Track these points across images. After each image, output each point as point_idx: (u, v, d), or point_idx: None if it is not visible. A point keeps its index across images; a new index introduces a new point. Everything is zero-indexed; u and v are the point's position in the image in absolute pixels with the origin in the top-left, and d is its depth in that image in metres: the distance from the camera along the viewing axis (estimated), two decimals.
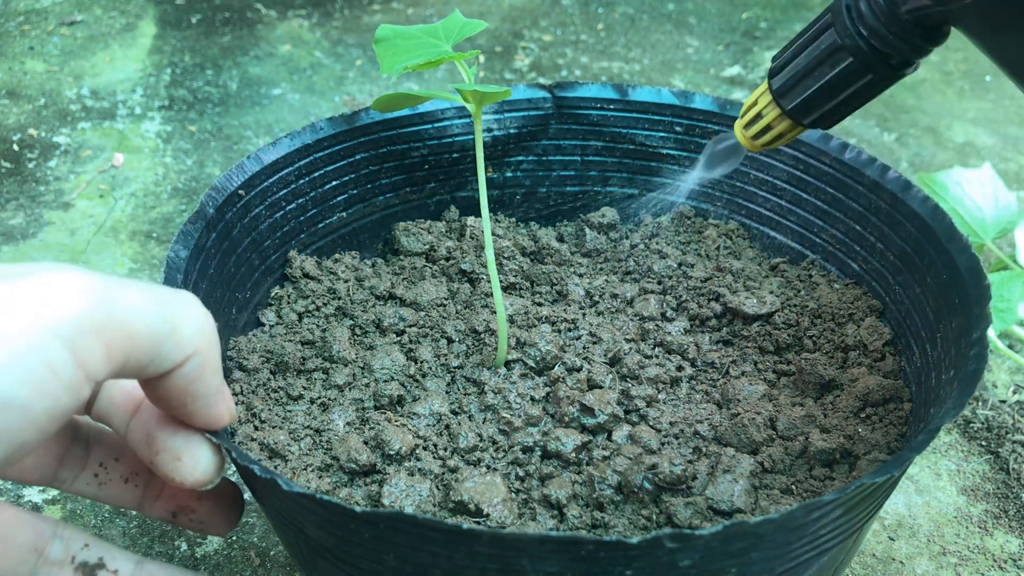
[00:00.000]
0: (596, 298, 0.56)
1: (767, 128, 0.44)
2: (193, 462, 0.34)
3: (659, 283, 0.57)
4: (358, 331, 0.53)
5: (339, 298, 0.55)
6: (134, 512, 0.55)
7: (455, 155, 0.60)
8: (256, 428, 0.46)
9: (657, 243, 0.60)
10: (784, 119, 0.43)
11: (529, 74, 1.13)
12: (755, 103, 0.44)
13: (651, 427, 0.47)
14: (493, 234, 0.60)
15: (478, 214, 0.60)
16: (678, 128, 0.60)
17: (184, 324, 0.31)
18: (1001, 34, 0.35)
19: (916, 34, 0.38)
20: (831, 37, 0.39)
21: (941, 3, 0.36)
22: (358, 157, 0.57)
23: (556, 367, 0.50)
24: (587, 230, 0.61)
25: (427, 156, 0.59)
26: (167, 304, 0.31)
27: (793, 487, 0.43)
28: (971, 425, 0.66)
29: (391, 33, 0.49)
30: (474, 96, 0.46)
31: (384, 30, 0.49)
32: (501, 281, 0.57)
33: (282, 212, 0.55)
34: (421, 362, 0.50)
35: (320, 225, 0.57)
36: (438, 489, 0.43)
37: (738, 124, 0.45)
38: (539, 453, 0.45)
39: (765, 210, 0.59)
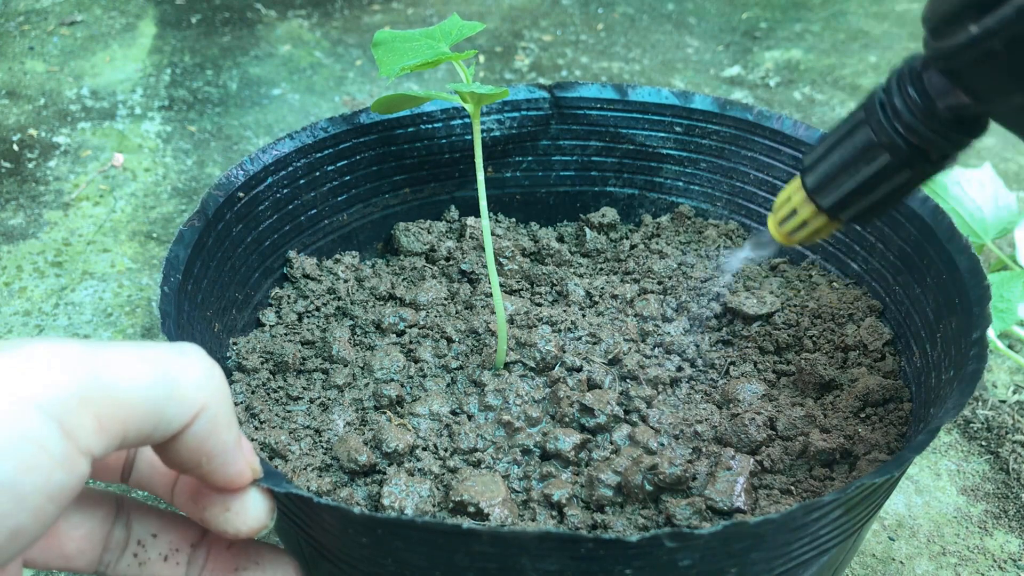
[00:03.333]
0: (596, 298, 0.56)
1: (803, 224, 0.41)
2: (243, 510, 0.33)
3: (659, 283, 0.57)
4: (358, 331, 0.53)
5: (339, 298, 0.55)
6: None
7: (455, 155, 0.60)
8: (256, 428, 0.46)
9: (657, 243, 0.60)
10: (820, 215, 0.40)
11: (529, 74, 1.13)
12: (788, 199, 0.41)
13: (651, 427, 0.47)
14: (493, 234, 0.60)
15: (478, 214, 0.60)
16: (678, 128, 0.60)
17: (185, 381, 0.29)
18: None
19: (955, 129, 0.35)
20: (865, 135, 0.37)
21: (984, 101, 0.34)
22: (358, 157, 0.57)
23: (556, 367, 0.50)
24: (587, 230, 0.61)
25: (427, 156, 0.59)
26: (163, 364, 0.29)
27: (793, 487, 0.43)
28: (971, 425, 0.66)
29: (389, 37, 0.49)
30: (472, 96, 0.46)
31: (382, 34, 0.49)
32: (501, 282, 0.57)
33: (282, 212, 0.55)
34: (421, 362, 0.50)
35: (320, 225, 0.57)
36: (438, 489, 0.43)
37: (772, 219, 0.43)
38: (539, 453, 0.45)
39: (765, 210, 0.59)
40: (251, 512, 0.34)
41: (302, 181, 0.55)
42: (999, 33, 0.30)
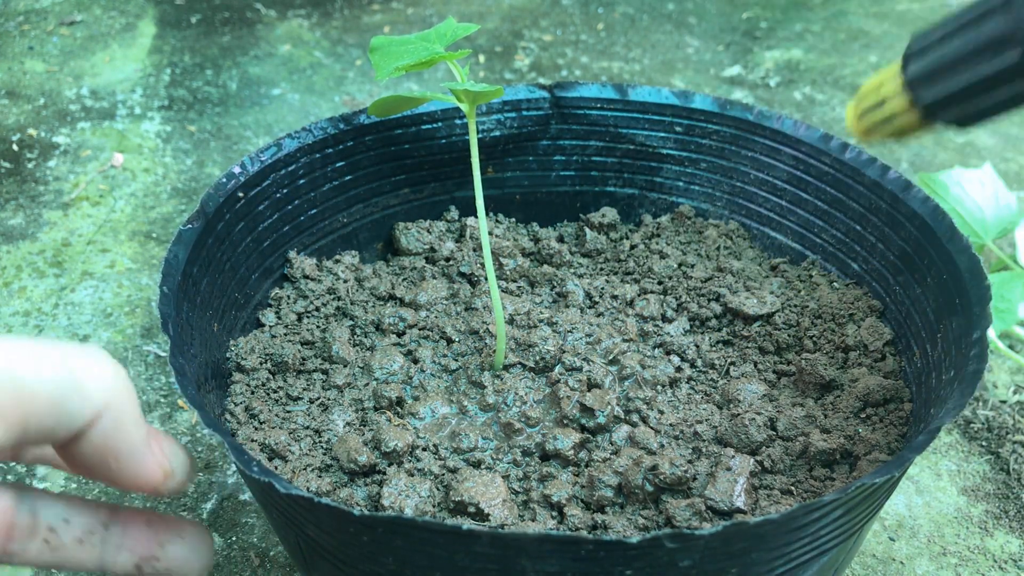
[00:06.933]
0: (596, 299, 0.56)
1: (888, 119, 0.36)
2: (168, 461, 0.33)
3: (659, 283, 0.57)
4: (358, 332, 0.53)
5: (339, 299, 0.55)
6: None
7: (455, 155, 0.60)
8: (256, 428, 0.46)
9: (657, 243, 0.59)
10: (913, 112, 0.35)
11: (529, 74, 1.13)
12: (880, 85, 0.36)
13: (651, 428, 0.47)
14: (493, 235, 0.60)
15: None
16: (678, 128, 0.60)
17: (89, 378, 0.29)
18: None
19: None
20: (998, 25, 0.31)
21: None
22: (358, 157, 0.57)
23: (556, 367, 0.50)
24: (587, 230, 0.61)
25: (426, 156, 0.59)
26: (69, 358, 0.29)
27: (793, 487, 0.43)
28: (971, 425, 0.66)
29: (385, 41, 0.49)
30: (466, 95, 0.46)
31: (378, 39, 0.50)
32: (502, 285, 0.57)
33: (282, 212, 0.54)
34: (421, 363, 0.50)
35: (320, 225, 0.57)
36: (438, 489, 0.43)
37: (852, 107, 0.38)
38: (539, 454, 0.45)
39: (765, 210, 0.59)
40: (174, 465, 0.33)
41: (302, 181, 0.55)
42: None
